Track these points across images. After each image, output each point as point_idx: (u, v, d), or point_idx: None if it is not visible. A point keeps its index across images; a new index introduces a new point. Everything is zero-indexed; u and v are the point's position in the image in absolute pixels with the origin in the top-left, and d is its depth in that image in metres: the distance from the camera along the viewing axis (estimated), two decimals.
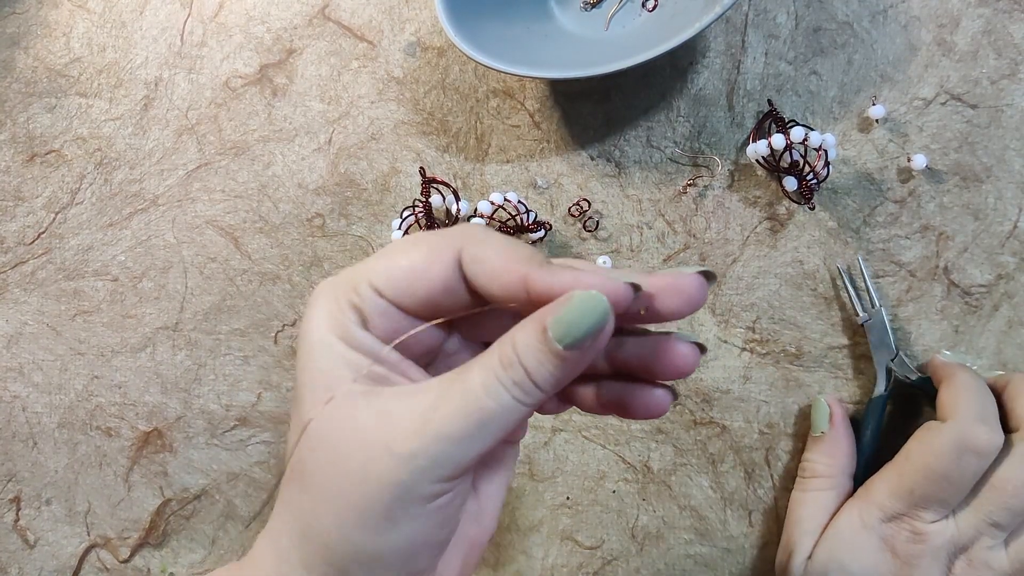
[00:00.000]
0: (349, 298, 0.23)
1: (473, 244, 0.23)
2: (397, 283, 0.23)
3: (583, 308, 0.21)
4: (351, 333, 0.23)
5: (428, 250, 0.23)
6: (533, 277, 0.22)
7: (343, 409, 0.23)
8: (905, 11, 0.45)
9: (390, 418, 0.22)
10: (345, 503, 0.22)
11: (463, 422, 0.22)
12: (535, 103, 0.48)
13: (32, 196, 0.52)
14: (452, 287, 0.23)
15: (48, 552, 0.50)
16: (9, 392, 0.51)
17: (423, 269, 0.23)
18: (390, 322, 0.24)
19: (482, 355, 0.23)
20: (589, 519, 0.46)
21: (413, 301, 0.23)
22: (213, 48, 0.51)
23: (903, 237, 0.45)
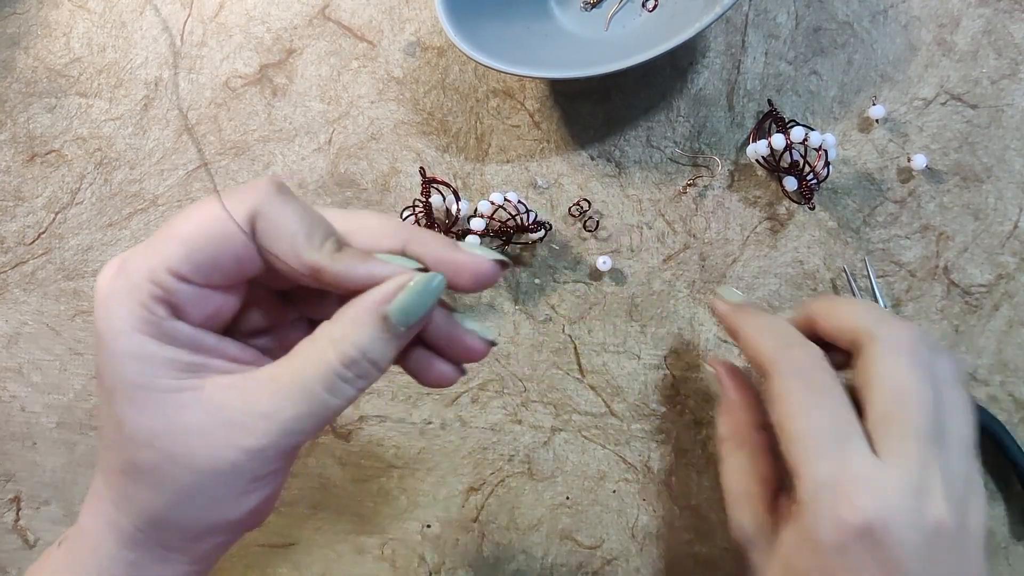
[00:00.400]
0: (150, 291, 0.22)
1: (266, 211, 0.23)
2: (199, 262, 0.22)
3: (423, 291, 0.23)
4: (162, 328, 0.23)
5: (219, 217, 0.22)
6: (325, 271, 0.23)
7: (164, 411, 0.23)
8: (905, 11, 0.46)
9: (223, 414, 0.23)
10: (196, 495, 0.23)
11: (308, 419, 0.23)
12: (535, 103, 0.48)
13: (32, 196, 0.52)
14: (255, 256, 0.23)
15: None
16: (8, 392, 0.51)
17: (223, 241, 0.22)
18: (203, 303, 0.23)
19: (310, 348, 0.23)
20: (589, 519, 0.46)
21: (223, 276, 0.23)
22: (213, 48, 0.51)
23: (903, 237, 0.44)
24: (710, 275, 0.46)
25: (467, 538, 0.46)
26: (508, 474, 0.46)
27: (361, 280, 0.23)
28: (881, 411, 0.27)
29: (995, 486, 0.43)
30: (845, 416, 0.27)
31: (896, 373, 0.27)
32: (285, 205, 0.23)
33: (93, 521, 0.26)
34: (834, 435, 0.27)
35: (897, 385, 0.27)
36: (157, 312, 0.22)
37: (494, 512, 0.46)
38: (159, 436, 0.23)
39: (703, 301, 0.46)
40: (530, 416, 0.46)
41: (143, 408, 0.23)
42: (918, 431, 0.26)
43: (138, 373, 0.22)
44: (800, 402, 0.28)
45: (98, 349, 0.23)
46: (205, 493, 0.24)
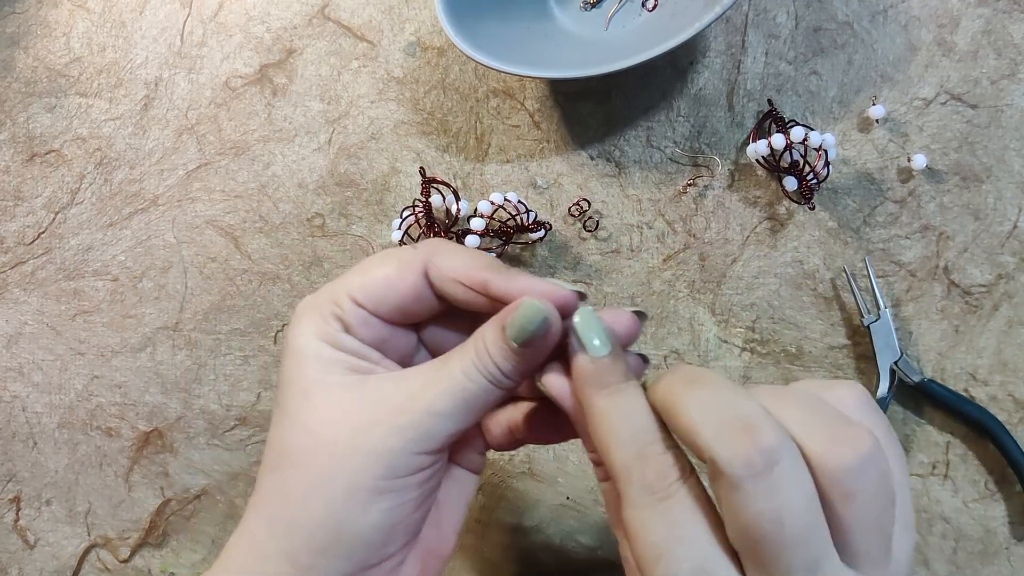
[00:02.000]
0: (331, 310, 0.26)
1: (437, 256, 0.27)
2: (373, 294, 0.26)
3: (529, 313, 0.24)
4: (336, 338, 0.26)
5: (398, 263, 0.27)
6: (492, 282, 0.26)
7: (330, 398, 0.26)
8: (905, 11, 0.45)
9: (380, 397, 0.25)
10: (332, 481, 0.25)
11: (449, 400, 0.25)
12: (535, 103, 0.48)
13: (32, 196, 0.52)
14: (421, 295, 0.27)
15: (48, 552, 0.49)
16: (9, 392, 0.51)
17: (396, 280, 0.26)
18: (370, 329, 0.27)
19: (460, 347, 0.26)
20: (590, 519, 0.46)
21: (389, 309, 0.27)
22: (213, 48, 0.51)
23: (903, 237, 0.45)
24: (710, 275, 0.46)
25: (468, 538, 0.46)
26: (509, 474, 0.46)
27: (520, 291, 0.25)
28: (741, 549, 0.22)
29: (995, 487, 0.43)
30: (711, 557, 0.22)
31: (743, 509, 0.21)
32: (453, 246, 0.27)
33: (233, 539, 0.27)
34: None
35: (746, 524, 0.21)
36: (332, 325, 0.26)
37: (495, 512, 0.46)
38: (317, 420, 0.25)
39: (703, 301, 0.46)
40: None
41: (310, 399, 0.26)
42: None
43: (313, 371, 0.26)
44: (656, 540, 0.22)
45: (282, 358, 0.27)
46: (341, 479, 0.24)
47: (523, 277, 0.26)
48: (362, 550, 0.25)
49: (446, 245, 0.27)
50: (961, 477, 0.43)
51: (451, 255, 0.27)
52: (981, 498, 0.43)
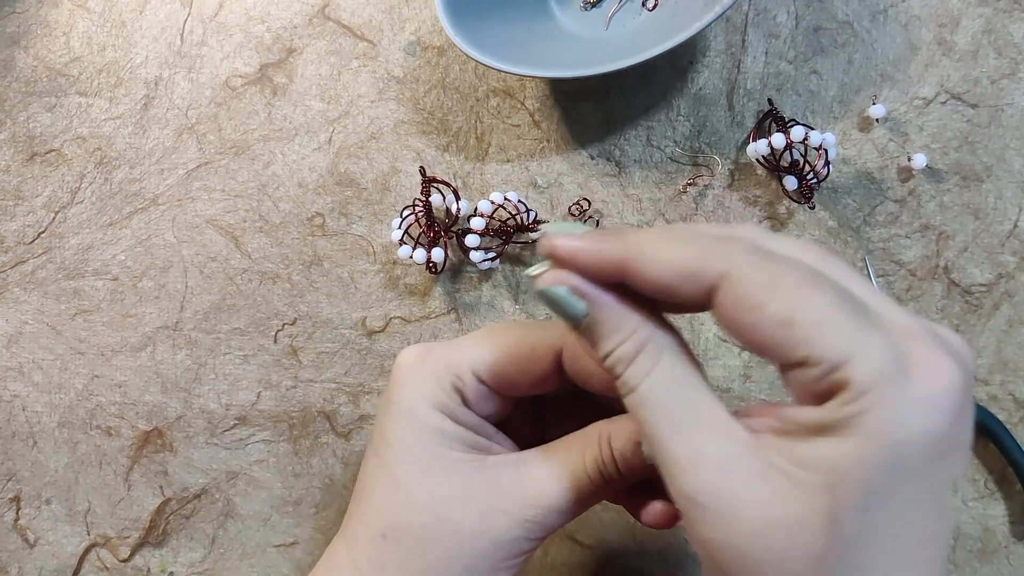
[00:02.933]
0: (452, 382, 0.26)
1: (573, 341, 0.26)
2: (501, 376, 0.26)
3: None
4: (455, 412, 0.26)
5: (532, 349, 0.26)
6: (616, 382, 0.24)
7: (452, 479, 0.26)
8: (905, 10, 0.45)
9: (505, 486, 0.26)
10: (457, 561, 0.25)
11: (574, 499, 0.25)
12: (535, 102, 0.48)
13: (32, 195, 0.52)
14: (551, 378, 0.27)
15: (48, 551, 0.50)
16: (9, 391, 0.51)
17: (526, 367, 0.26)
18: (487, 402, 0.27)
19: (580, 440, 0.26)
20: (589, 518, 0.46)
21: (512, 391, 0.27)
22: (213, 47, 0.51)
23: (903, 236, 0.45)
24: None
25: None
26: None
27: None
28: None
29: (995, 486, 0.43)
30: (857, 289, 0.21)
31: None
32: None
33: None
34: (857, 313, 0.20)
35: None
36: (453, 399, 0.26)
37: None
38: (440, 502, 0.25)
39: None
40: None
41: (433, 475, 0.25)
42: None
43: (433, 444, 0.26)
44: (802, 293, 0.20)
45: (391, 419, 0.26)
46: (463, 561, 0.25)
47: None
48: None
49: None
50: (961, 477, 0.43)
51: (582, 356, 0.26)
52: (980, 497, 0.43)
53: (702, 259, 0.21)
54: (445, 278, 0.48)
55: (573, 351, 0.26)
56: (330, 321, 0.49)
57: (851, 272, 0.22)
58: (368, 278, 0.49)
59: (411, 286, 0.48)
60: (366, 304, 0.48)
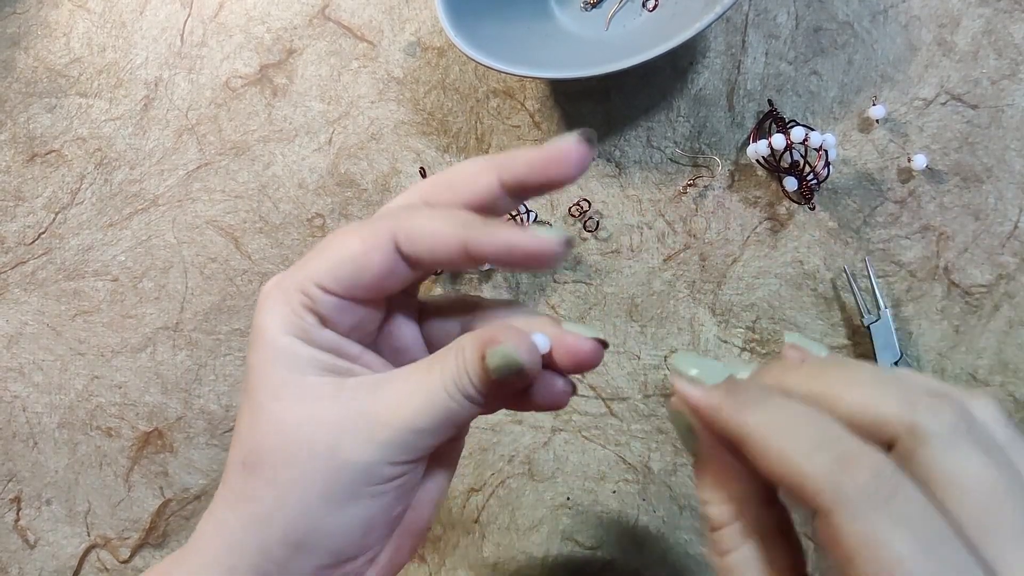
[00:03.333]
0: (301, 301, 0.25)
1: (405, 223, 0.24)
2: (341, 278, 0.24)
3: (507, 358, 0.23)
4: (312, 335, 0.25)
5: (361, 239, 0.24)
6: (472, 243, 0.24)
7: (309, 401, 0.25)
8: (905, 11, 0.45)
9: (357, 406, 0.24)
10: (311, 485, 0.24)
11: (432, 418, 0.24)
12: (535, 103, 0.48)
13: (32, 196, 0.52)
14: (394, 269, 0.25)
15: (48, 552, 0.50)
16: (9, 392, 0.51)
17: (362, 259, 0.24)
18: (346, 314, 0.25)
19: (439, 358, 0.25)
20: (589, 519, 0.46)
21: (362, 290, 0.25)
22: (213, 48, 0.51)
23: (903, 237, 0.44)
24: (710, 275, 0.46)
25: (468, 539, 0.46)
26: (509, 475, 0.46)
27: (500, 249, 0.24)
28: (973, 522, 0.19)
29: None
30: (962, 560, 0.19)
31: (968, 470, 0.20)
32: (418, 209, 0.25)
33: (203, 527, 0.27)
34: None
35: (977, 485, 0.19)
36: (306, 319, 0.25)
37: (495, 513, 0.46)
38: (290, 424, 0.24)
39: (703, 301, 0.46)
40: (530, 416, 0.46)
41: (283, 399, 0.25)
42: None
43: (286, 369, 0.25)
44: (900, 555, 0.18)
45: (251, 348, 0.25)
46: (316, 486, 0.24)
47: (503, 231, 0.24)
48: (339, 547, 0.25)
49: (410, 210, 0.25)
50: None
51: (419, 220, 0.24)
52: None
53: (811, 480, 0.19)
54: (445, 278, 0.48)
55: (409, 236, 0.24)
56: None
57: None
58: None
59: None
60: None
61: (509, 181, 0.25)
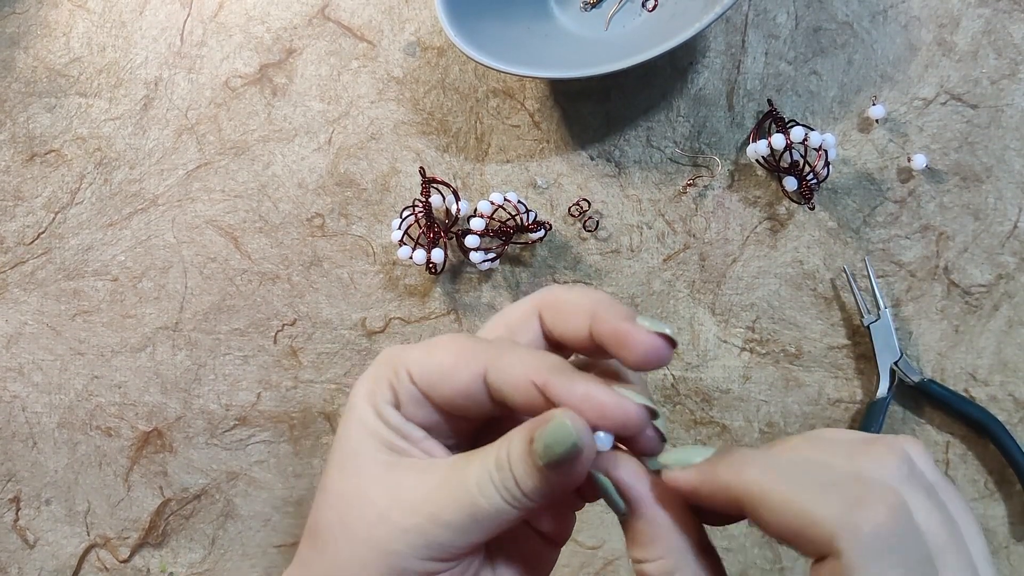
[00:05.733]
0: (388, 377, 0.25)
1: (502, 356, 0.23)
2: (427, 377, 0.24)
3: (558, 433, 0.21)
4: (382, 409, 0.25)
5: (457, 356, 0.24)
6: (551, 386, 0.22)
7: (363, 476, 0.24)
8: (905, 11, 0.45)
9: (398, 489, 0.23)
10: (348, 565, 0.23)
11: (456, 513, 0.23)
12: (535, 103, 0.48)
13: (32, 196, 0.52)
14: (474, 394, 0.24)
15: (48, 552, 0.49)
16: (9, 392, 0.51)
17: (450, 373, 0.24)
18: (421, 411, 0.25)
19: (484, 449, 0.24)
20: (590, 519, 0.46)
21: (439, 398, 0.24)
22: (213, 48, 0.51)
23: (903, 237, 0.45)
24: (710, 275, 0.46)
25: None
26: None
27: (580, 399, 0.22)
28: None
29: (995, 486, 0.43)
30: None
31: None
32: (517, 347, 0.24)
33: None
34: None
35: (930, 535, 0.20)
36: (385, 395, 0.25)
37: None
38: (343, 498, 0.24)
39: (703, 301, 0.46)
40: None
41: (344, 471, 0.24)
42: None
43: (356, 439, 0.24)
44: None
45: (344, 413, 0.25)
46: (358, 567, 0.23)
47: (585, 383, 0.22)
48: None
49: (513, 346, 0.24)
50: (961, 477, 0.43)
51: (516, 356, 0.23)
52: (981, 498, 0.43)
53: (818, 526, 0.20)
54: (445, 279, 0.48)
55: (500, 368, 0.23)
56: (330, 322, 0.49)
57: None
58: (368, 279, 0.49)
59: (411, 287, 0.48)
60: (366, 305, 0.48)
61: (595, 334, 0.24)
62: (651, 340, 0.22)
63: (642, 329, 0.22)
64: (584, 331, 0.24)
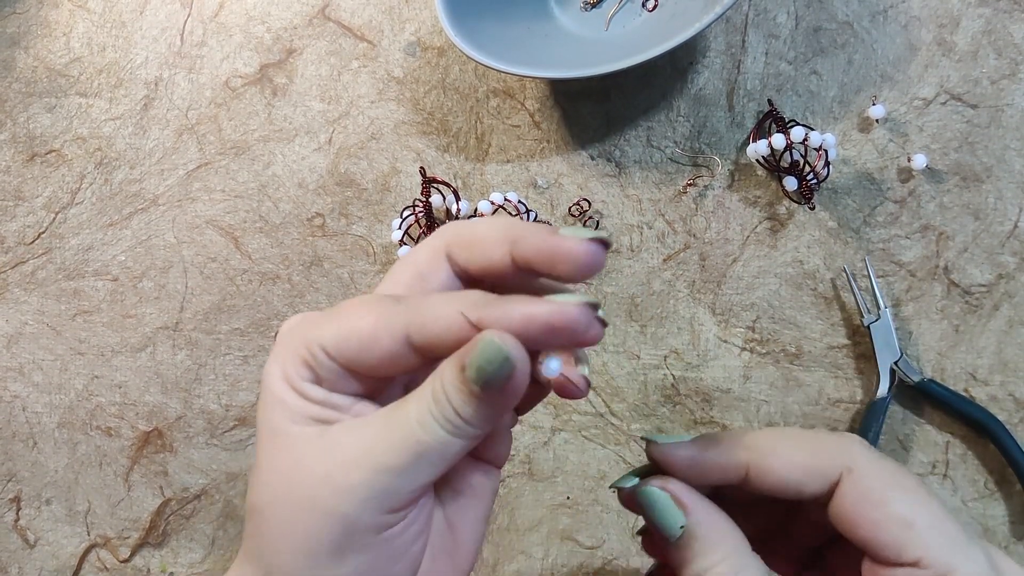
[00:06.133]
0: (302, 355, 0.24)
1: (417, 316, 0.22)
2: (346, 352, 0.23)
3: (488, 352, 0.21)
4: (302, 387, 0.24)
5: (375, 322, 0.23)
6: (487, 320, 0.21)
7: (295, 448, 0.23)
8: (905, 11, 0.45)
9: (335, 451, 0.23)
10: (296, 536, 0.23)
11: (402, 455, 0.22)
12: (535, 103, 0.48)
13: (32, 196, 0.52)
14: (399, 356, 0.23)
15: (48, 552, 0.50)
16: (9, 392, 0.51)
17: (369, 342, 0.23)
18: (343, 382, 0.24)
19: (418, 389, 0.23)
20: (589, 519, 0.46)
21: (361, 368, 0.23)
22: (213, 48, 0.51)
23: (903, 237, 0.44)
24: (710, 275, 0.46)
25: None
26: (508, 474, 0.46)
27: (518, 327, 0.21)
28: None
29: (995, 486, 0.43)
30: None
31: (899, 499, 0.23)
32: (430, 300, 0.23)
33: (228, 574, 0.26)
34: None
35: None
36: (302, 373, 0.24)
37: (494, 513, 0.46)
38: (277, 473, 0.23)
39: (703, 301, 0.46)
40: (530, 416, 0.46)
41: (272, 449, 0.24)
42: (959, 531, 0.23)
43: (279, 418, 0.24)
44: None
45: (260, 396, 0.25)
46: (301, 544, 0.22)
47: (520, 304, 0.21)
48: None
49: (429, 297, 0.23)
50: (960, 476, 0.43)
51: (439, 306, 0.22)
52: (980, 497, 0.43)
53: (827, 455, 0.24)
54: None
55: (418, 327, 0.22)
56: None
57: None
58: (368, 279, 0.49)
59: None
60: None
61: (518, 258, 0.23)
62: (584, 246, 0.22)
63: (572, 238, 0.22)
64: (503, 259, 0.23)
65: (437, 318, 0.22)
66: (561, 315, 0.21)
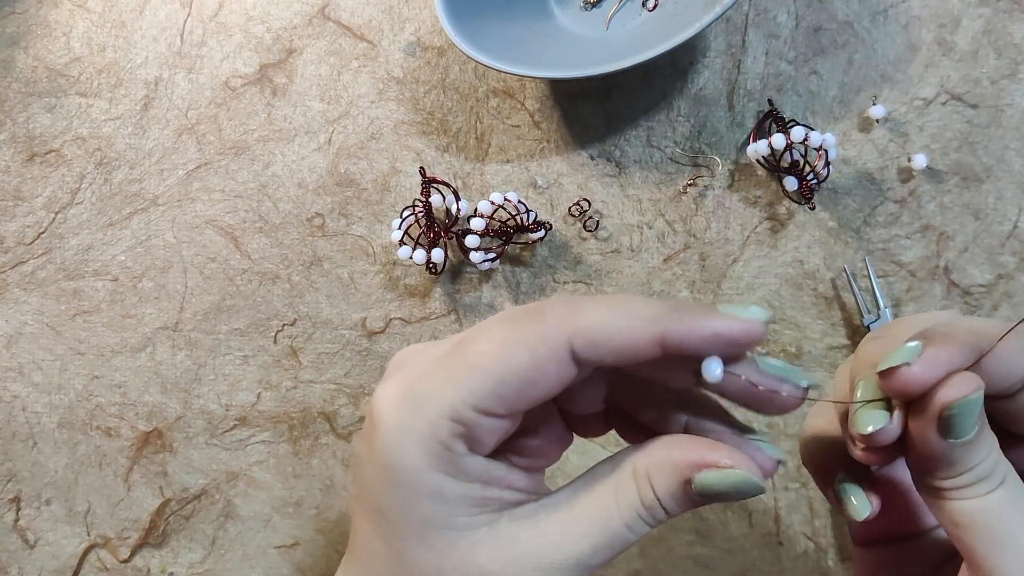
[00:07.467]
0: (451, 430, 0.21)
1: (584, 323, 0.21)
2: (507, 397, 0.21)
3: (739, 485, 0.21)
4: (458, 466, 0.22)
5: (533, 351, 0.21)
6: (671, 335, 0.21)
7: (458, 548, 0.22)
8: (905, 11, 0.45)
9: (512, 548, 0.22)
10: None
11: (608, 552, 0.22)
12: (535, 103, 0.48)
13: (32, 196, 0.52)
14: (566, 378, 0.21)
15: (48, 552, 0.50)
16: (9, 392, 0.51)
17: (536, 375, 0.21)
18: (499, 434, 0.22)
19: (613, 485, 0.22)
20: None
21: (527, 405, 0.22)
22: (213, 48, 0.51)
23: (903, 237, 0.44)
24: (710, 275, 0.46)
25: None
26: None
27: (708, 338, 0.21)
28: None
29: None
30: None
31: None
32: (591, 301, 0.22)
33: None
34: None
35: None
36: (456, 449, 0.21)
37: None
38: (448, 573, 0.22)
39: (703, 301, 0.46)
40: None
41: (434, 546, 0.22)
42: None
43: (433, 512, 0.22)
44: None
45: (383, 484, 0.22)
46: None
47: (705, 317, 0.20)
48: None
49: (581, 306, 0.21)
50: None
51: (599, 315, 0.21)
52: None
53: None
54: (445, 279, 0.48)
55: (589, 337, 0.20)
56: (330, 322, 0.48)
57: None
58: (368, 279, 0.49)
59: (411, 287, 0.48)
60: (366, 305, 0.48)
61: (671, 349, 0.21)
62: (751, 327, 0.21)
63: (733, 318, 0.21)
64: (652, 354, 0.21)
65: (611, 329, 0.21)
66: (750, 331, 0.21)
